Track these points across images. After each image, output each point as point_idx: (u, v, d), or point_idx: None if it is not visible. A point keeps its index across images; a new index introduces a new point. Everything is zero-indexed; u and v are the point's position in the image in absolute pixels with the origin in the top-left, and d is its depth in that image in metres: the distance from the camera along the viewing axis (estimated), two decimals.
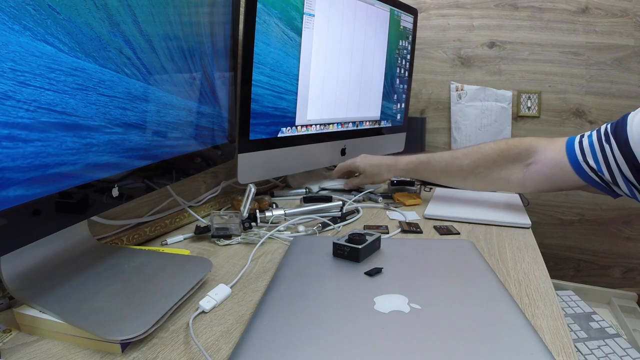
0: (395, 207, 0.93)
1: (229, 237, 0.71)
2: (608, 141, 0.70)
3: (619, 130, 0.68)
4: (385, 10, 1.19)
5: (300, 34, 0.93)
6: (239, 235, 0.72)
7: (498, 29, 1.50)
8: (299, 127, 0.99)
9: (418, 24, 1.39)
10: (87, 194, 0.46)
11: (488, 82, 1.54)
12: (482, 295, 0.47)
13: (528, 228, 0.81)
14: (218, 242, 0.70)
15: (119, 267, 0.53)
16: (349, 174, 1.08)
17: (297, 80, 0.95)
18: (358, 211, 0.88)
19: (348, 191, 1.04)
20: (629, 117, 0.68)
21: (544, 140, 0.81)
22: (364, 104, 1.20)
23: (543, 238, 1.52)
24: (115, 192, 0.51)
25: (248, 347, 0.38)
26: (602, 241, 1.50)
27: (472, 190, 0.92)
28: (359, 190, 1.03)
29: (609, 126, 0.72)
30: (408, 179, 1.09)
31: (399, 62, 1.31)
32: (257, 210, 0.79)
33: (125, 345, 0.41)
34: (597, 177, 0.73)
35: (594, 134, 0.74)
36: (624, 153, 0.68)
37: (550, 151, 0.79)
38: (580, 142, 0.75)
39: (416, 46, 1.42)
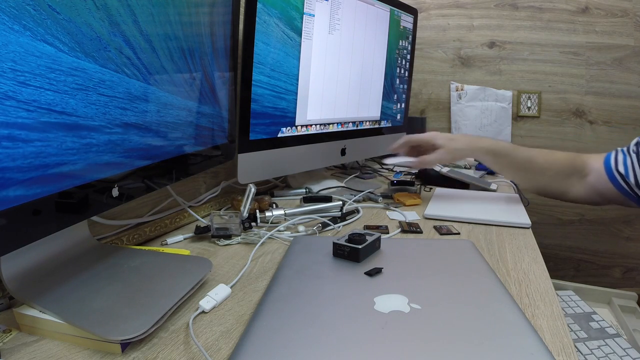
0: (395, 207, 0.93)
1: (229, 237, 0.71)
2: (636, 151, 0.76)
3: None
4: (385, 10, 1.19)
5: (300, 34, 0.93)
6: (239, 235, 0.72)
7: (498, 29, 1.51)
8: (299, 127, 0.99)
9: (418, 24, 1.39)
10: (87, 194, 0.46)
11: (488, 82, 1.54)
12: (482, 295, 0.47)
13: (528, 228, 0.81)
14: (218, 242, 0.70)
15: (119, 267, 0.53)
16: (415, 150, 0.95)
17: (297, 80, 0.95)
18: (358, 211, 0.88)
19: (348, 191, 1.04)
20: None
21: (594, 154, 0.86)
22: (364, 104, 1.20)
23: (543, 238, 1.52)
24: (115, 192, 0.51)
25: (248, 347, 0.38)
26: (602, 241, 1.50)
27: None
28: (359, 190, 1.03)
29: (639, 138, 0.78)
30: (408, 179, 1.09)
31: (399, 62, 1.31)
32: (257, 210, 0.79)
33: (125, 345, 0.41)
34: (625, 182, 0.77)
35: (631, 145, 0.79)
36: None
37: (594, 161, 0.84)
38: (616, 152, 0.81)
39: (416, 46, 1.42)
